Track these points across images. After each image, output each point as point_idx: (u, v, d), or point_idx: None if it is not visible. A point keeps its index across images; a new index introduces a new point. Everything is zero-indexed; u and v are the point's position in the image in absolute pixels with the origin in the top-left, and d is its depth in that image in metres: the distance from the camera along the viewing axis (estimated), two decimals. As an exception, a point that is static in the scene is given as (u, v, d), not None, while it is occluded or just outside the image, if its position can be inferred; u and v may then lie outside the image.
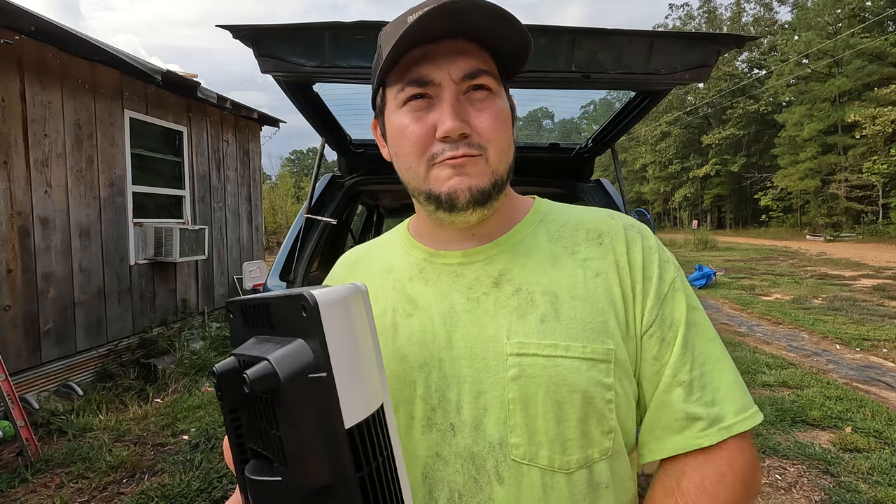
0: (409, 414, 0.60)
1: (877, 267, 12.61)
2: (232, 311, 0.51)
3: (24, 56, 3.78)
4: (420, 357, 0.60)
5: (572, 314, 0.57)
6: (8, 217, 3.68)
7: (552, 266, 0.60)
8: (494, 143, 0.57)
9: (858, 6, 27.73)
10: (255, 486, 0.44)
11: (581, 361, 0.55)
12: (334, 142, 2.35)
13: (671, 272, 0.61)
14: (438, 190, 0.58)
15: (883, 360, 4.96)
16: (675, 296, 0.60)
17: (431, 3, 0.53)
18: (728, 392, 0.57)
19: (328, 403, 0.40)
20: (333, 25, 1.43)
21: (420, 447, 0.59)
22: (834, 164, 27.89)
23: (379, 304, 0.65)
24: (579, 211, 0.67)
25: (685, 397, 0.56)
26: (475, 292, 0.60)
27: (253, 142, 7.43)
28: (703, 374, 0.57)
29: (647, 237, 0.63)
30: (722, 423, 0.55)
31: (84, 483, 2.79)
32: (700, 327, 0.60)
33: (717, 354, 0.59)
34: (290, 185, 34.51)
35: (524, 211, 0.67)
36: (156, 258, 5.11)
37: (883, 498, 2.57)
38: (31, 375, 3.83)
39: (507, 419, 0.55)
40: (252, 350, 0.44)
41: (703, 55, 1.49)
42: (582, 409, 0.55)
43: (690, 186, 41.61)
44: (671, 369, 0.57)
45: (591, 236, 0.62)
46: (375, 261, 0.71)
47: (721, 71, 36.06)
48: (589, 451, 0.56)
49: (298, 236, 2.24)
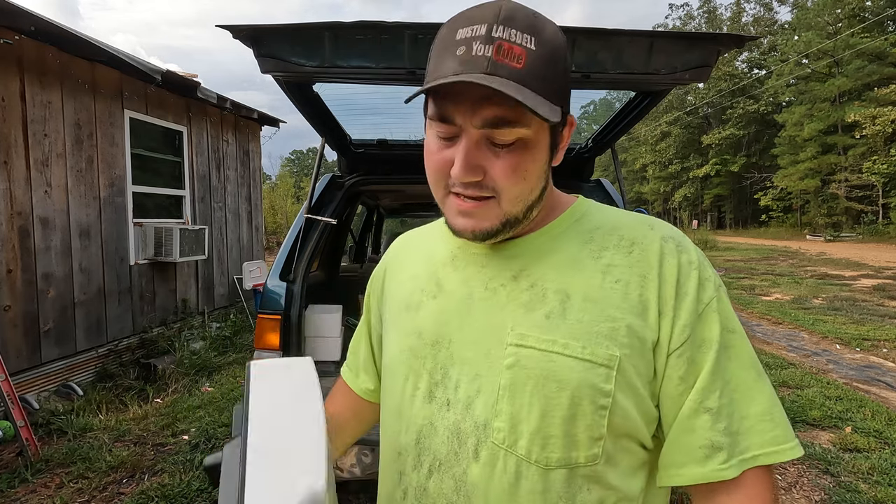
0: (415, 385, 0.65)
1: (877, 267, 12.61)
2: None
3: (24, 56, 3.78)
4: (433, 335, 0.64)
5: (579, 315, 0.57)
6: (8, 217, 3.68)
7: (572, 267, 0.60)
8: (507, 191, 0.57)
9: (858, 6, 27.73)
10: None
11: (577, 361, 0.55)
12: (334, 142, 2.35)
13: (709, 291, 0.58)
14: (449, 219, 0.62)
15: (883, 360, 4.96)
16: (710, 316, 0.57)
17: (480, 27, 0.52)
18: (757, 422, 0.54)
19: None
20: (333, 25, 1.43)
21: (419, 415, 0.63)
22: (834, 164, 27.90)
23: (414, 284, 0.71)
24: (619, 215, 0.66)
25: (711, 424, 0.54)
26: (493, 283, 0.63)
27: (253, 142, 7.43)
28: (731, 401, 0.55)
29: (686, 251, 0.60)
30: (744, 454, 0.54)
31: (84, 483, 2.79)
32: (735, 351, 0.57)
33: (749, 381, 0.56)
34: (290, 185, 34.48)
35: (561, 210, 0.67)
36: (156, 258, 5.11)
37: (883, 498, 2.57)
38: (31, 375, 3.83)
39: (496, 404, 0.58)
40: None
41: (703, 55, 1.49)
42: (569, 409, 0.55)
43: (690, 186, 41.61)
44: (699, 394, 0.55)
45: (623, 243, 0.61)
46: (422, 244, 0.76)
47: (721, 71, 36.04)
48: (573, 454, 0.56)
49: (298, 236, 2.25)
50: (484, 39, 0.52)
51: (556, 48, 0.55)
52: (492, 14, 0.53)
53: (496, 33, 0.52)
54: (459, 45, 0.53)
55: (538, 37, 0.53)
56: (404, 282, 0.73)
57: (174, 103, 5.52)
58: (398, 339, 0.69)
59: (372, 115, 2.29)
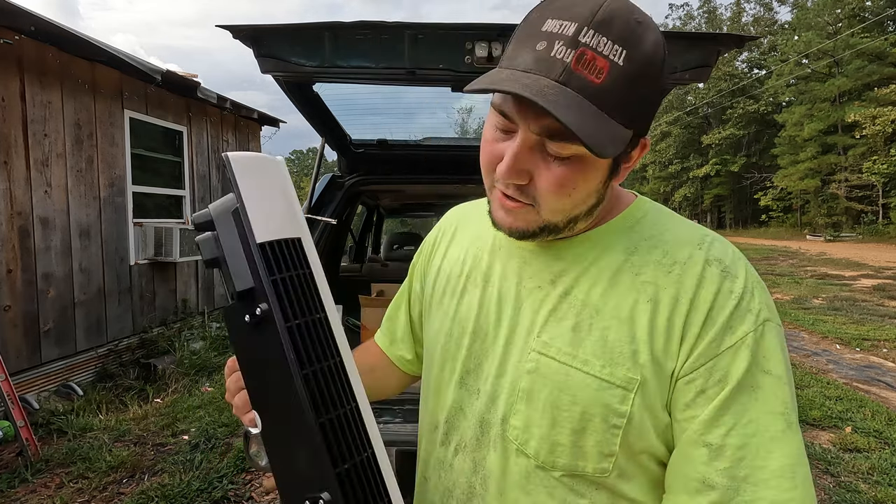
0: (451, 369, 0.68)
1: (877, 267, 12.62)
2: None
3: (24, 56, 3.78)
4: (473, 325, 0.67)
5: (604, 333, 0.56)
6: (8, 217, 3.68)
7: (609, 281, 0.58)
8: (548, 203, 0.55)
9: (858, 6, 27.74)
10: (225, 315, 0.56)
11: (593, 379, 0.55)
12: (334, 142, 2.35)
13: (747, 324, 0.52)
14: (492, 211, 0.61)
15: (883, 360, 4.96)
16: (740, 351, 0.52)
17: (567, 37, 0.48)
18: (773, 476, 0.48)
19: (242, 226, 0.51)
20: (333, 25, 1.43)
21: (451, 397, 0.67)
22: (834, 164, 27.90)
23: (460, 265, 0.72)
24: (673, 228, 0.61)
25: (707, 461, 0.51)
26: (533, 283, 0.63)
27: (253, 142, 7.43)
28: (744, 444, 0.50)
29: (732, 279, 0.55)
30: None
31: (84, 483, 2.79)
32: (764, 393, 0.51)
33: (774, 430, 0.50)
34: (290, 185, 34.44)
35: (617, 210, 0.63)
36: (156, 258, 5.11)
37: (883, 498, 2.57)
38: (31, 375, 3.83)
39: (515, 403, 0.60)
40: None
41: (703, 55, 1.49)
42: (579, 423, 0.55)
43: (690, 186, 41.62)
44: (701, 426, 0.51)
45: (665, 261, 0.57)
46: (474, 222, 0.76)
47: (721, 71, 36.05)
48: (580, 463, 0.56)
49: (298, 236, 2.24)
50: (569, 42, 0.48)
51: (649, 65, 0.50)
52: (588, 12, 0.48)
53: (583, 38, 0.47)
54: (542, 38, 0.50)
55: (632, 51, 0.48)
56: (451, 261, 0.75)
57: (174, 103, 5.52)
58: (441, 321, 0.71)
59: (372, 115, 2.29)
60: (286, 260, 0.51)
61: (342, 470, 0.47)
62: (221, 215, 0.53)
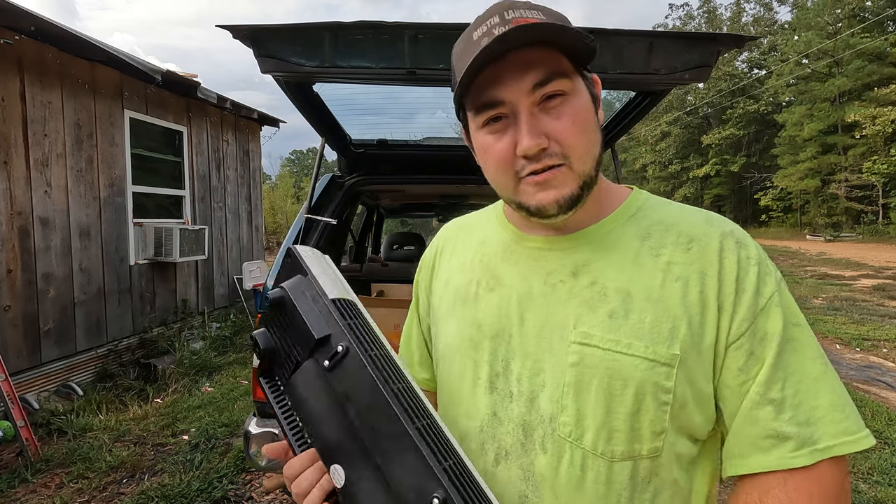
0: (476, 374, 0.66)
1: (877, 267, 12.62)
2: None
3: (24, 56, 3.78)
4: (494, 328, 0.66)
5: (642, 315, 0.58)
6: (8, 217, 3.68)
7: (632, 265, 0.61)
8: (575, 147, 0.58)
9: (858, 6, 27.74)
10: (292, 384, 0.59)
11: (641, 360, 0.57)
12: (334, 142, 2.35)
13: (770, 286, 0.58)
14: (528, 203, 0.61)
15: (883, 360, 4.96)
16: (772, 310, 0.57)
17: (493, 18, 0.56)
18: (827, 412, 0.55)
19: (314, 289, 0.60)
20: (333, 25, 1.43)
21: (481, 404, 0.65)
22: (834, 164, 27.89)
23: (467, 274, 0.72)
24: (676, 210, 0.66)
25: (775, 415, 0.55)
26: (553, 278, 0.63)
27: (253, 142, 7.43)
28: (797, 392, 0.55)
29: (746, 247, 0.60)
30: (817, 444, 0.54)
31: (84, 483, 2.79)
32: (799, 343, 0.57)
33: (815, 373, 0.56)
34: (290, 185, 34.46)
35: (616, 203, 0.67)
36: (156, 258, 5.11)
37: (883, 498, 2.57)
38: (31, 375, 3.83)
39: (561, 399, 0.59)
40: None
41: (703, 55, 1.49)
42: (633, 405, 0.57)
43: (690, 186, 41.61)
44: (761, 386, 0.56)
45: (682, 240, 0.61)
46: (474, 232, 0.77)
47: (721, 71, 36.04)
48: (636, 446, 0.57)
49: (298, 236, 2.24)
50: (500, 23, 0.55)
51: (564, 19, 0.59)
52: (498, 8, 0.57)
53: (509, 16, 0.55)
54: (479, 40, 0.55)
55: (545, 11, 0.57)
56: (456, 271, 0.74)
57: (174, 103, 5.52)
58: (457, 329, 0.70)
59: (372, 115, 2.29)
60: (352, 312, 0.59)
61: (447, 466, 0.48)
62: (293, 286, 0.61)
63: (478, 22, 0.58)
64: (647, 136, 41.70)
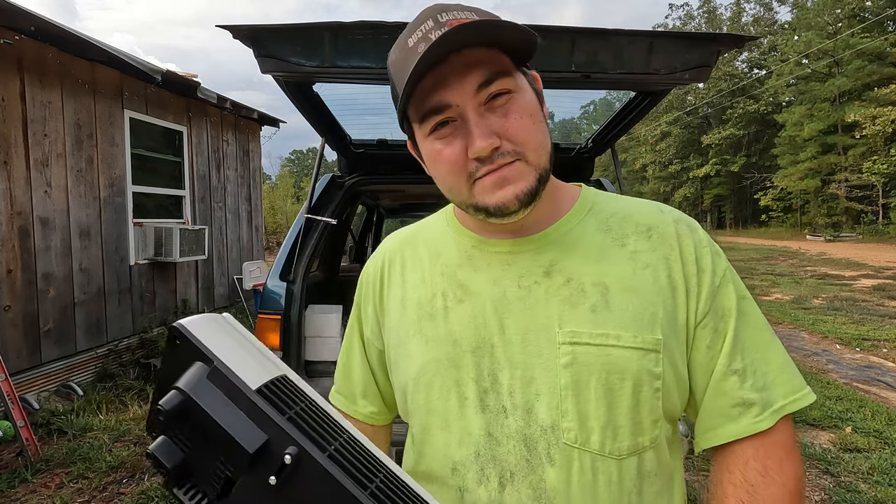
0: (462, 395, 0.61)
1: (877, 267, 12.61)
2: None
3: (24, 56, 3.78)
4: (472, 341, 0.62)
5: (623, 305, 0.59)
6: (8, 217, 3.68)
7: (602, 257, 0.61)
8: (528, 143, 0.57)
9: (858, 6, 27.73)
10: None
11: (632, 351, 0.57)
12: (334, 142, 2.35)
13: (722, 264, 0.62)
14: (486, 202, 0.58)
15: (883, 360, 4.96)
16: (726, 287, 0.61)
17: (426, 22, 0.55)
18: (777, 375, 0.59)
19: (228, 382, 0.45)
20: (333, 26, 1.43)
21: (473, 426, 0.60)
22: (834, 164, 27.89)
23: (428, 288, 0.67)
24: (627, 202, 0.68)
25: (740, 384, 0.59)
26: (526, 280, 0.62)
27: (253, 142, 7.43)
28: (753, 360, 0.59)
29: (696, 231, 0.64)
30: (773, 406, 0.58)
31: (84, 483, 2.79)
32: (749, 316, 0.61)
33: (765, 341, 0.61)
34: (290, 185, 34.49)
35: (572, 200, 0.67)
36: (156, 258, 5.11)
37: (883, 498, 2.57)
38: (31, 375, 3.83)
39: (560, 404, 0.57)
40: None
41: (703, 55, 1.49)
42: (633, 397, 0.57)
43: (690, 186, 41.62)
44: (725, 358, 0.59)
45: (641, 229, 0.63)
46: (422, 244, 0.72)
47: (721, 71, 36.04)
48: (640, 439, 0.58)
49: (298, 236, 2.25)
50: (435, 27, 0.54)
51: (498, 18, 0.58)
52: (430, 12, 0.56)
53: (443, 19, 0.54)
54: (416, 46, 0.54)
55: (478, 12, 0.57)
56: (413, 288, 0.69)
57: (174, 103, 5.52)
58: (429, 349, 0.64)
59: (372, 115, 2.29)
60: (289, 397, 0.46)
61: None
62: (197, 385, 0.45)
63: (411, 28, 0.56)
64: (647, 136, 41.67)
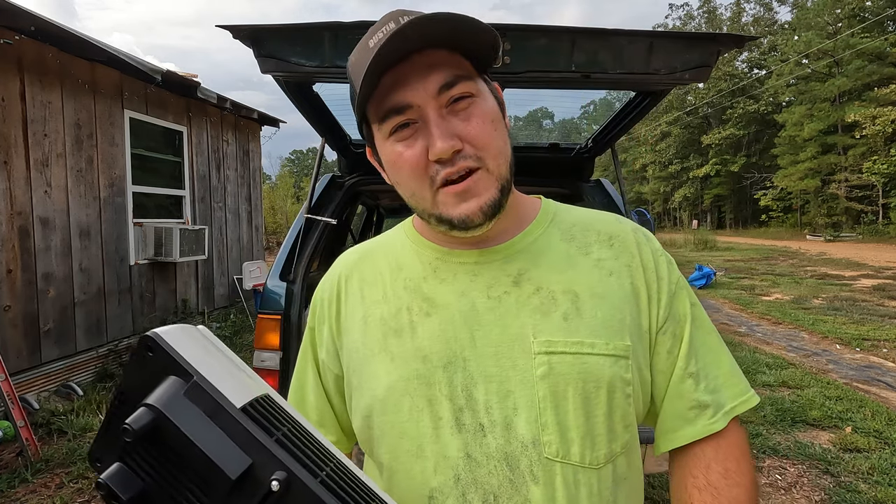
0: (436, 414, 0.58)
1: (877, 267, 12.61)
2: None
3: (24, 56, 3.78)
4: (443, 356, 0.59)
5: (593, 312, 0.59)
6: (8, 217, 3.68)
7: (568, 266, 0.62)
8: (489, 148, 0.56)
9: (858, 6, 27.73)
10: None
11: (605, 358, 0.57)
12: (334, 142, 2.35)
13: (675, 272, 0.65)
14: (450, 215, 0.57)
15: (883, 360, 4.96)
16: (681, 293, 0.64)
17: (388, 24, 0.54)
18: (727, 378, 0.62)
19: (208, 398, 0.41)
20: (333, 25, 1.43)
21: (450, 449, 0.57)
22: (834, 164, 27.88)
23: (391, 304, 0.64)
24: (586, 213, 0.70)
25: (695, 387, 0.61)
26: (495, 291, 0.60)
27: (253, 142, 7.43)
28: (706, 364, 0.62)
29: (651, 240, 0.66)
30: (724, 407, 0.60)
31: (84, 483, 2.79)
32: (700, 321, 0.64)
33: (715, 345, 0.64)
34: (290, 185, 34.48)
35: (534, 210, 0.68)
36: (156, 258, 5.11)
37: (883, 498, 2.57)
38: (31, 375, 3.83)
39: (539, 417, 0.55)
40: None
41: (703, 55, 1.49)
42: (607, 404, 0.57)
43: (690, 186, 41.61)
44: (682, 362, 0.62)
45: (603, 238, 0.65)
46: (381, 259, 0.69)
47: (721, 71, 36.04)
48: (613, 446, 0.58)
49: (298, 236, 2.25)
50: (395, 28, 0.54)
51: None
52: (392, 15, 0.56)
53: (403, 20, 0.52)
54: (376, 45, 0.53)
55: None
56: (375, 304, 0.65)
57: (174, 103, 5.52)
58: (396, 367, 0.60)
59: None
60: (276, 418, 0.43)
61: None
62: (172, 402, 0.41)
63: (372, 31, 0.56)
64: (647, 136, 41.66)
